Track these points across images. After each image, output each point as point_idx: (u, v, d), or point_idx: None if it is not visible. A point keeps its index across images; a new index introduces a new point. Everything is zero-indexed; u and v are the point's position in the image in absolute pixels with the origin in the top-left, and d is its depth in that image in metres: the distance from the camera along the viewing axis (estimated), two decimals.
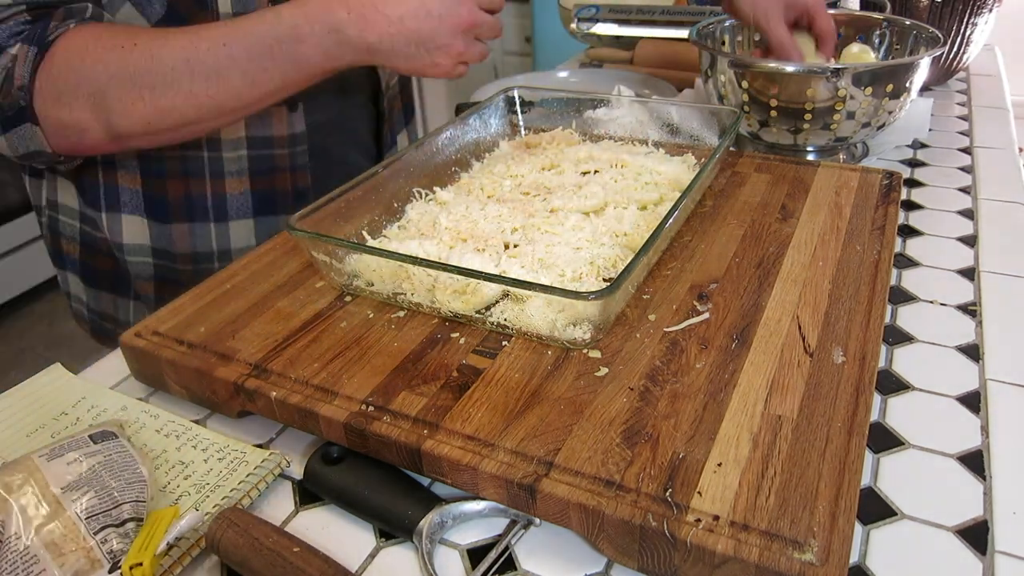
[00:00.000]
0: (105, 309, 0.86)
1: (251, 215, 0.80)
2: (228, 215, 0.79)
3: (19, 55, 0.63)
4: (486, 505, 0.45)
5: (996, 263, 0.69)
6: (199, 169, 0.77)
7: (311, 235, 0.56)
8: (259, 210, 0.80)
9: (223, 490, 0.47)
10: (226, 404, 0.53)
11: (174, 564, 0.43)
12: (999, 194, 0.82)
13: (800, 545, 0.38)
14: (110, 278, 0.84)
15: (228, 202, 0.79)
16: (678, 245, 0.64)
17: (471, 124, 0.80)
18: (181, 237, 0.79)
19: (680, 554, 0.39)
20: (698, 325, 0.54)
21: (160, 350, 0.55)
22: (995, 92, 1.16)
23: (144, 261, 0.80)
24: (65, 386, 0.58)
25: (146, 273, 0.81)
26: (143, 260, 0.80)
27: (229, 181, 0.78)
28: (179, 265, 0.80)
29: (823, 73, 0.77)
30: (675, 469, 0.42)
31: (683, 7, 1.35)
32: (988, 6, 1.02)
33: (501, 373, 0.50)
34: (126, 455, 0.45)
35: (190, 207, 0.78)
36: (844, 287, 0.58)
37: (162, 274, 0.81)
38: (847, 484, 0.41)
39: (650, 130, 0.81)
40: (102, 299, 0.86)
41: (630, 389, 0.48)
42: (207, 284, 0.62)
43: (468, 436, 0.45)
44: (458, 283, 0.54)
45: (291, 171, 0.81)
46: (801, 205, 0.70)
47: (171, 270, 0.81)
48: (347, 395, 0.49)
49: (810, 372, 0.49)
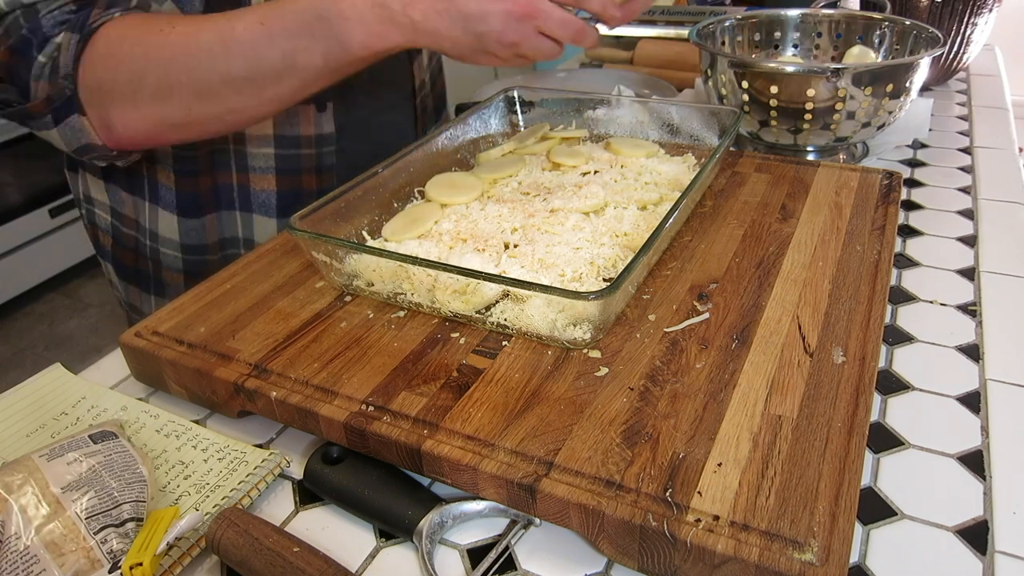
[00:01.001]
0: (134, 301, 0.89)
1: (275, 215, 0.81)
2: (252, 208, 0.80)
3: (63, 43, 0.63)
4: (486, 505, 0.45)
5: (996, 263, 0.69)
6: (226, 162, 0.77)
7: (311, 235, 0.56)
8: (283, 211, 0.81)
9: (223, 490, 0.47)
10: (226, 404, 0.53)
11: (174, 564, 0.43)
12: (999, 194, 0.82)
13: (800, 545, 0.38)
14: (135, 273, 0.86)
15: (252, 196, 0.79)
16: (678, 245, 0.64)
17: (471, 124, 0.80)
18: (211, 227, 0.80)
19: (680, 554, 0.39)
20: (698, 325, 0.54)
21: (160, 350, 0.55)
22: (995, 92, 1.16)
23: (174, 255, 0.82)
24: (65, 386, 0.58)
25: (176, 267, 0.83)
26: (174, 254, 0.82)
27: (254, 176, 0.78)
28: (208, 256, 0.82)
29: (823, 73, 0.77)
30: (675, 469, 0.42)
31: (683, 7, 1.35)
32: (988, 6, 1.02)
33: (501, 373, 0.50)
34: (126, 455, 0.45)
35: (217, 197, 0.79)
36: (844, 287, 0.58)
37: (189, 268, 0.83)
38: (847, 484, 0.41)
39: (650, 130, 0.81)
40: (131, 292, 0.88)
41: (630, 389, 0.48)
42: (207, 284, 0.62)
43: (468, 436, 0.45)
44: (458, 283, 0.54)
45: (317, 172, 0.81)
46: (801, 205, 0.70)
47: (199, 262, 0.82)
48: (347, 395, 0.49)
49: (810, 372, 0.49)
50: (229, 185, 0.78)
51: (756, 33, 0.99)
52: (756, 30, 0.98)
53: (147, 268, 0.84)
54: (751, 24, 0.98)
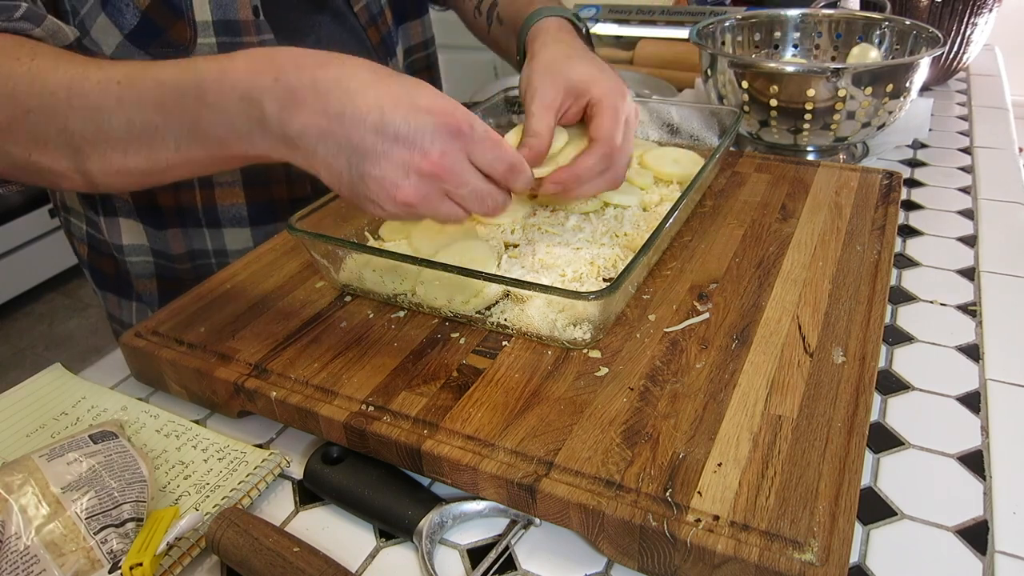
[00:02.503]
0: (112, 310, 0.86)
1: (247, 224, 0.78)
2: (221, 223, 0.78)
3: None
4: (486, 505, 0.45)
5: (996, 263, 0.69)
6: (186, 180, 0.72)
7: (311, 235, 0.56)
8: (256, 220, 0.78)
9: (223, 490, 0.47)
10: (226, 404, 0.53)
11: (174, 564, 0.43)
12: (999, 194, 0.82)
13: (800, 545, 0.38)
14: (114, 279, 0.84)
15: (220, 211, 0.77)
16: (678, 245, 0.64)
17: None
18: (175, 240, 0.78)
19: (680, 554, 0.39)
20: (698, 325, 0.54)
21: (160, 350, 0.55)
22: (995, 92, 1.16)
23: (144, 260, 0.80)
24: (65, 386, 0.58)
25: (147, 272, 0.81)
26: (143, 259, 0.80)
27: (220, 191, 0.76)
28: (177, 264, 0.80)
29: (823, 73, 0.77)
30: (675, 469, 0.42)
31: (683, 7, 1.35)
32: (988, 6, 1.02)
33: (501, 373, 0.50)
34: (126, 455, 0.45)
35: (181, 213, 0.76)
36: (844, 287, 0.58)
37: (162, 272, 0.81)
38: (847, 484, 0.41)
39: (650, 130, 0.81)
40: (109, 300, 0.86)
41: (630, 389, 0.48)
42: (207, 284, 0.62)
43: (468, 436, 0.45)
44: (459, 283, 0.54)
45: (287, 182, 0.78)
46: (801, 205, 0.70)
47: (170, 269, 0.80)
48: (347, 395, 0.49)
49: (810, 372, 0.49)
50: (192, 205, 0.75)
51: (756, 33, 0.99)
52: (756, 30, 0.98)
53: (127, 275, 0.82)
54: (751, 24, 0.98)
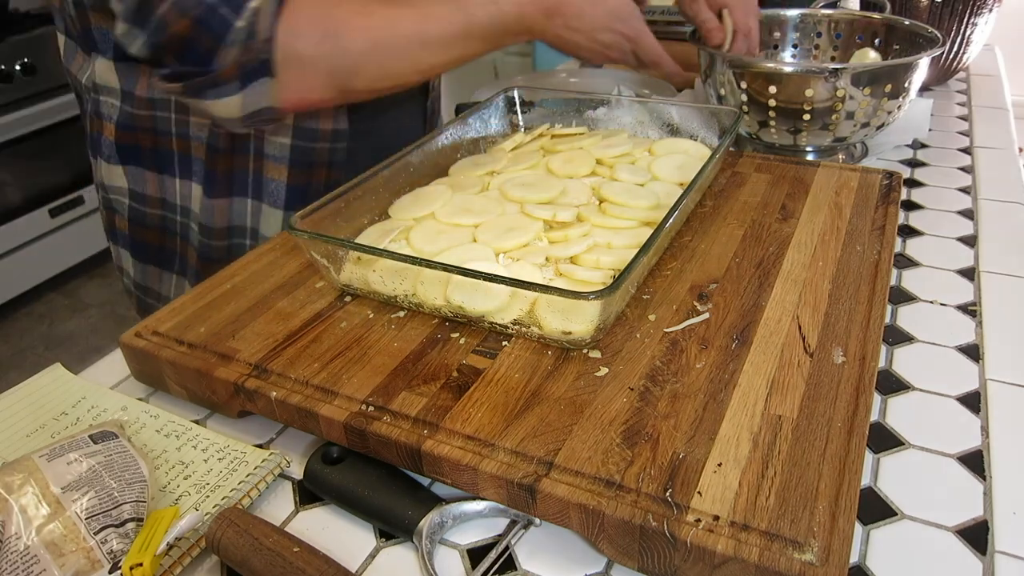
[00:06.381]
0: (150, 283, 0.89)
1: (282, 206, 0.81)
2: (263, 197, 0.81)
3: (260, 8, 0.62)
4: (486, 505, 0.45)
5: (996, 263, 0.69)
6: (246, 145, 0.78)
7: (311, 235, 0.56)
8: (289, 204, 0.81)
9: (223, 490, 0.47)
10: (226, 404, 0.53)
11: (174, 564, 0.43)
12: (999, 194, 0.82)
13: (800, 545, 0.38)
14: (156, 252, 0.86)
15: (264, 184, 0.80)
16: (678, 245, 0.64)
17: (471, 124, 0.80)
18: (223, 211, 0.81)
19: (680, 554, 0.39)
20: (698, 325, 0.54)
21: (160, 350, 0.55)
22: (995, 92, 1.16)
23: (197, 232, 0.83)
24: (65, 386, 0.58)
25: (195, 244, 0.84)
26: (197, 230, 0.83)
27: (269, 164, 0.79)
28: (214, 241, 0.82)
29: (821, 73, 0.77)
30: (675, 469, 0.42)
31: None
32: (988, 6, 1.02)
33: (501, 373, 0.50)
34: (126, 455, 0.45)
35: (232, 181, 0.80)
36: (844, 287, 0.58)
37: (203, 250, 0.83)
38: (847, 484, 0.41)
39: (650, 130, 0.81)
40: (148, 273, 0.89)
41: (630, 389, 0.48)
42: (207, 284, 0.62)
43: (468, 436, 0.45)
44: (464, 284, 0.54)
45: (328, 167, 0.81)
46: (801, 205, 0.70)
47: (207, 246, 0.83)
48: (347, 395, 0.49)
49: (810, 372, 0.49)
50: (245, 171, 0.79)
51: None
52: None
53: (173, 245, 0.85)
54: None
